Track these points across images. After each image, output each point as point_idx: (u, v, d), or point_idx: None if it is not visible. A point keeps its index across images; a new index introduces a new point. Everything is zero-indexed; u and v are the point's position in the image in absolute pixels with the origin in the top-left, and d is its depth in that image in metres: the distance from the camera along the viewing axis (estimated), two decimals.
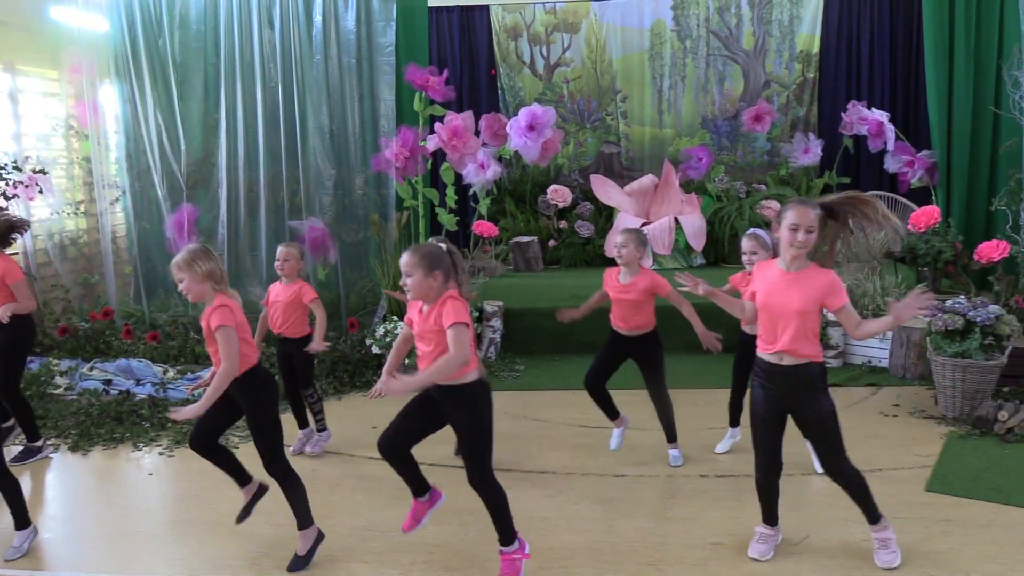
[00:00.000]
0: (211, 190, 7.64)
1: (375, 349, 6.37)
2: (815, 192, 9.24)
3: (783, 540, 3.61)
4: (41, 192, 7.06)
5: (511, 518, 3.30)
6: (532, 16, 10.08)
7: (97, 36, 7.65)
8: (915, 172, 7.71)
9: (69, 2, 7.39)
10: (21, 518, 3.78)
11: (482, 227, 8.77)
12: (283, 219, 7.52)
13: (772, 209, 8.45)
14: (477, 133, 7.45)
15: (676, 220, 8.92)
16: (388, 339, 6.27)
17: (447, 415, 3.27)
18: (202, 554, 3.73)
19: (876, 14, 9.58)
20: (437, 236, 5.23)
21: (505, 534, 3.30)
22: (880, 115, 8.25)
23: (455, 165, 7.44)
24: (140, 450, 5.12)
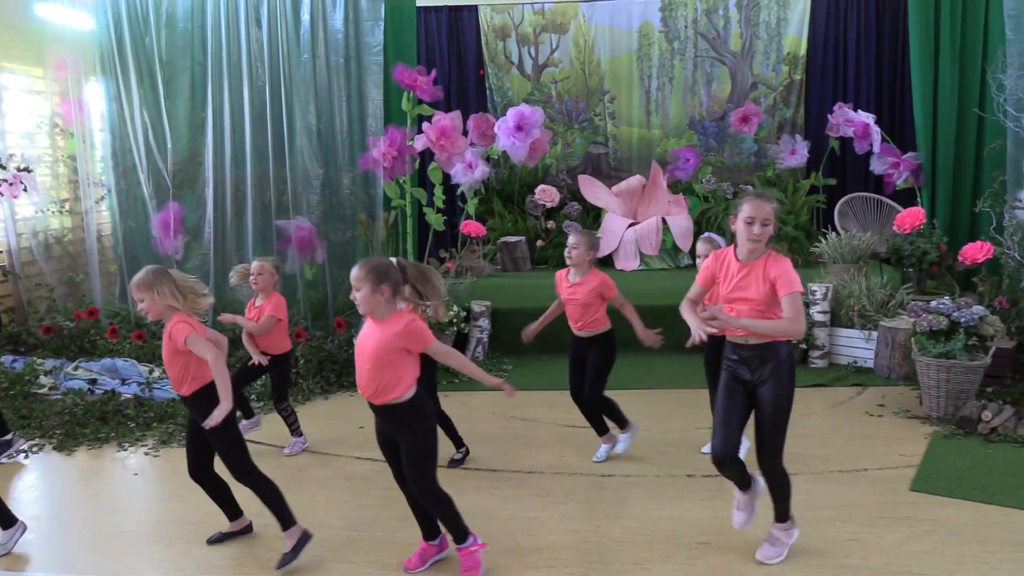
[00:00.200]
0: (197, 189, 7.60)
1: None
2: (801, 193, 9.30)
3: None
4: (26, 190, 7.02)
5: (460, 516, 3.38)
6: (520, 16, 10.09)
7: (83, 33, 7.60)
8: (900, 174, 7.75)
9: None
10: (5, 517, 3.76)
11: (470, 227, 8.76)
12: (270, 219, 7.48)
13: None
14: (465, 133, 7.44)
15: (663, 221, 8.95)
16: None
17: (392, 432, 3.34)
18: (188, 554, 3.72)
19: (862, 17, 9.67)
20: (402, 257, 5.24)
21: (457, 534, 3.39)
22: (866, 117, 8.30)
23: (443, 165, 7.43)
24: (125, 450, 5.09)
